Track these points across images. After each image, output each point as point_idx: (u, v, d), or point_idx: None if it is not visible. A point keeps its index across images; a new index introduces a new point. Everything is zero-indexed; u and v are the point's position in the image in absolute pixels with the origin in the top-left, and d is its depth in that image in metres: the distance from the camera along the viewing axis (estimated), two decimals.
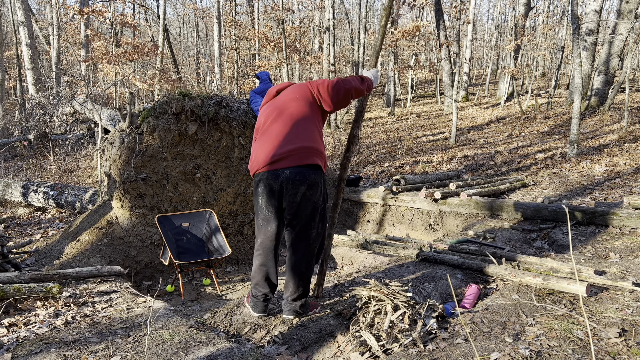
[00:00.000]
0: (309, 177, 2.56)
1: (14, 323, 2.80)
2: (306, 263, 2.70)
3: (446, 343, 2.26)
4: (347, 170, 3.08)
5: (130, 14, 18.34)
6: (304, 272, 2.69)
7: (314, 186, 2.58)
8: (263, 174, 2.62)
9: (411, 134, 12.85)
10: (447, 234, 5.20)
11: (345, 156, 3.07)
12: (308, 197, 2.58)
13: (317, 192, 2.60)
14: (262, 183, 2.62)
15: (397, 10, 17.71)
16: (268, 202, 2.62)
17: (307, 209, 2.60)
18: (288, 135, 2.58)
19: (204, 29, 30.38)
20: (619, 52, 11.48)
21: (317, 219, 2.66)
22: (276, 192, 2.58)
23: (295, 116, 2.63)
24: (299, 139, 2.57)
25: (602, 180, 6.01)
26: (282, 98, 2.73)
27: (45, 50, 19.98)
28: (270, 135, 2.64)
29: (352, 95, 2.69)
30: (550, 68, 23.89)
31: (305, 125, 2.61)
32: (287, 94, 2.73)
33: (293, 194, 2.55)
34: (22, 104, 12.89)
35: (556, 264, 3.14)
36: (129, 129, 4.38)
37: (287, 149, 2.55)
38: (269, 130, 2.66)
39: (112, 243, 4.22)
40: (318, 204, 2.63)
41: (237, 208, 4.84)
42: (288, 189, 2.55)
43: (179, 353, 2.32)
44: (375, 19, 31.76)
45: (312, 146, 2.59)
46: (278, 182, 2.56)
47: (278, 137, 2.60)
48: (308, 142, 2.58)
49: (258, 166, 2.64)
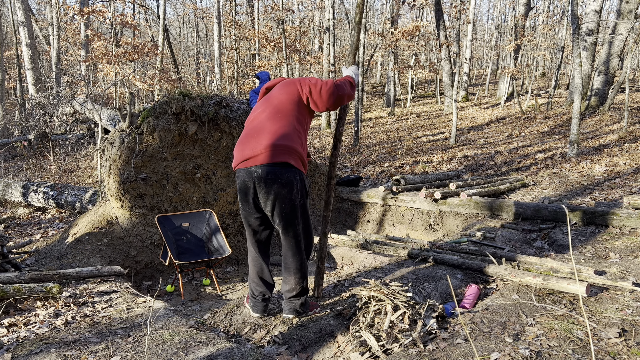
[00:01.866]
0: (282, 175, 2.54)
1: (14, 323, 2.80)
2: (297, 259, 2.71)
3: (446, 343, 2.26)
4: (335, 168, 3.08)
5: (130, 14, 18.35)
6: (297, 267, 2.71)
7: (288, 184, 2.56)
8: (239, 170, 2.66)
9: (411, 134, 12.85)
10: (447, 234, 5.20)
11: (333, 154, 3.07)
12: (284, 195, 2.57)
13: (293, 190, 2.59)
14: (238, 180, 2.67)
15: (397, 10, 17.71)
16: (244, 198, 2.66)
17: (286, 207, 2.60)
18: (262, 133, 2.59)
19: (204, 29, 30.38)
20: (619, 52, 11.48)
21: (299, 214, 2.66)
22: (250, 190, 2.60)
23: (274, 114, 2.63)
24: (272, 136, 2.56)
25: (602, 180, 6.01)
26: (270, 95, 2.74)
27: (45, 50, 19.98)
28: (248, 133, 2.67)
29: (344, 101, 2.70)
30: (550, 68, 23.89)
31: (282, 123, 2.59)
32: (275, 91, 2.73)
33: (266, 192, 2.56)
34: (22, 104, 12.89)
35: (556, 264, 3.14)
36: (129, 129, 4.38)
37: (259, 147, 2.55)
38: (248, 128, 2.70)
39: (112, 243, 4.22)
40: (296, 201, 2.62)
41: (237, 208, 4.84)
42: (261, 187, 2.56)
43: (179, 353, 2.32)
44: (375, 19, 31.75)
45: (284, 144, 2.55)
46: (252, 179, 2.58)
47: (253, 135, 2.62)
48: (281, 140, 2.55)
49: (235, 162, 2.68)
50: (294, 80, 2.71)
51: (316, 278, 3.09)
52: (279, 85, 2.74)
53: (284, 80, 2.77)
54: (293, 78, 2.75)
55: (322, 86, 2.61)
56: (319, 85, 2.61)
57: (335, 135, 3.05)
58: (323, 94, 2.61)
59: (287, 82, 2.73)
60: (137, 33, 19.84)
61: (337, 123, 3.03)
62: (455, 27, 18.27)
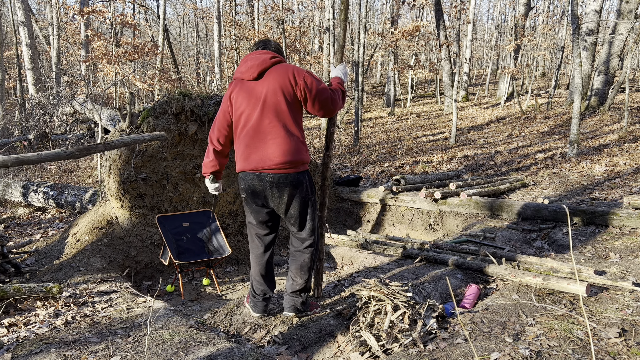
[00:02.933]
0: (293, 179, 2.57)
1: (14, 323, 2.80)
2: (308, 254, 2.73)
3: (446, 343, 2.26)
4: (329, 169, 3.08)
5: (130, 14, 18.34)
6: (306, 262, 2.73)
7: (298, 185, 2.60)
8: (246, 173, 2.62)
9: (411, 134, 12.85)
10: (447, 234, 5.20)
11: (326, 154, 3.05)
12: (296, 195, 2.60)
13: (303, 189, 2.63)
14: (245, 181, 2.63)
15: (397, 10, 17.71)
16: (253, 199, 2.66)
17: (299, 206, 2.63)
18: (267, 143, 2.54)
19: (204, 29, 30.37)
20: (619, 52, 11.48)
21: (310, 210, 2.69)
22: (261, 192, 2.60)
23: (273, 117, 2.52)
24: (280, 149, 2.53)
25: (602, 180, 6.01)
26: (263, 91, 2.53)
27: (45, 50, 19.98)
28: (251, 136, 2.57)
29: (333, 112, 2.68)
30: (550, 68, 23.89)
31: (285, 129, 2.54)
32: (267, 86, 2.53)
33: (279, 195, 2.57)
34: (22, 104, 12.88)
35: (556, 264, 3.14)
36: (129, 129, 4.38)
37: (268, 162, 2.53)
38: (248, 128, 2.57)
39: (112, 243, 4.22)
40: (307, 197, 2.66)
41: (237, 208, 4.84)
42: (273, 190, 2.56)
43: (179, 353, 2.32)
44: (375, 19, 31.75)
45: (294, 159, 2.56)
46: (262, 183, 2.57)
47: (257, 141, 2.55)
48: (290, 155, 2.54)
49: (241, 167, 2.63)
50: (285, 72, 2.53)
51: (315, 278, 3.10)
52: (270, 79, 2.54)
53: (272, 68, 2.56)
54: (283, 66, 2.57)
55: (319, 92, 2.54)
56: (315, 89, 2.53)
57: (326, 135, 3.03)
58: (316, 105, 2.58)
59: (278, 74, 2.53)
60: (137, 33, 19.84)
61: (328, 123, 3.00)
62: (455, 27, 18.28)
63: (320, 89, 2.55)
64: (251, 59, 2.61)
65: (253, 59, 2.60)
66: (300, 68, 2.59)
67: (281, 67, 2.57)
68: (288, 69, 2.55)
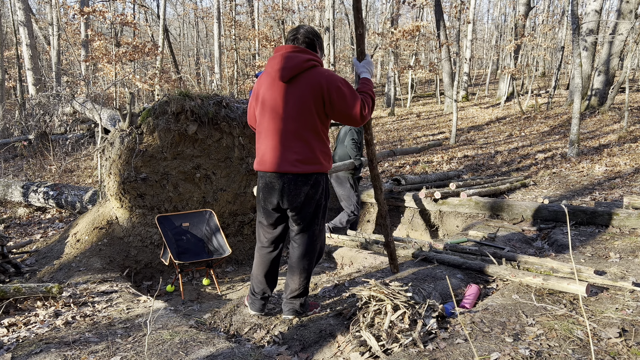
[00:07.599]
0: (312, 178, 2.58)
1: (14, 323, 2.80)
2: (309, 259, 2.72)
3: (446, 343, 2.26)
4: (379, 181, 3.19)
5: (130, 13, 18.34)
6: (305, 267, 2.72)
7: (316, 185, 2.60)
8: (265, 173, 2.63)
9: (411, 134, 12.84)
10: (447, 233, 5.20)
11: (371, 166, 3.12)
12: (311, 195, 2.60)
13: (319, 191, 2.63)
14: (264, 179, 2.64)
15: (397, 10, 17.71)
16: (268, 197, 2.64)
17: (311, 207, 2.63)
18: (291, 146, 2.54)
19: (204, 29, 30.36)
20: (619, 52, 11.48)
21: (320, 215, 2.70)
22: (277, 190, 2.59)
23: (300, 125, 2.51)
24: (304, 153, 2.55)
25: (602, 180, 6.01)
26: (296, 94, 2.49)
27: (45, 50, 19.98)
28: (275, 138, 2.56)
29: (360, 124, 2.62)
30: (550, 68, 23.89)
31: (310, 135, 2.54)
32: (300, 91, 2.49)
33: (296, 194, 2.57)
34: (22, 104, 12.88)
35: (556, 264, 3.14)
36: (129, 129, 4.38)
37: (288, 165, 2.54)
38: (274, 130, 2.56)
39: (112, 243, 4.22)
40: (321, 201, 2.67)
41: (237, 208, 4.84)
42: (291, 188, 2.56)
43: (179, 353, 2.32)
44: (375, 19, 31.75)
45: (315, 168, 2.59)
46: (280, 181, 2.57)
47: (282, 144, 2.55)
48: (312, 160, 2.57)
49: (262, 166, 2.63)
50: (319, 81, 2.46)
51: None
52: (301, 84, 2.48)
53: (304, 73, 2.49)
54: (317, 72, 2.49)
55: (347, 109, 2.48)
56: (345, 106, 2.47)
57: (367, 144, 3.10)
58: (344, 117, 2.54)
59: (310, 81, 2.48)
60: (137, 33, 19.84)
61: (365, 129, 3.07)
62: (455, 27, 18.27)
63: (350, 103, 2.48)
64: (284, 58, 2.50)
65: (286, 58, 2.49)
66: (333, 76, 2.50)
67: (314, 74, 2.48)
68: (322, 77, 2.47)
